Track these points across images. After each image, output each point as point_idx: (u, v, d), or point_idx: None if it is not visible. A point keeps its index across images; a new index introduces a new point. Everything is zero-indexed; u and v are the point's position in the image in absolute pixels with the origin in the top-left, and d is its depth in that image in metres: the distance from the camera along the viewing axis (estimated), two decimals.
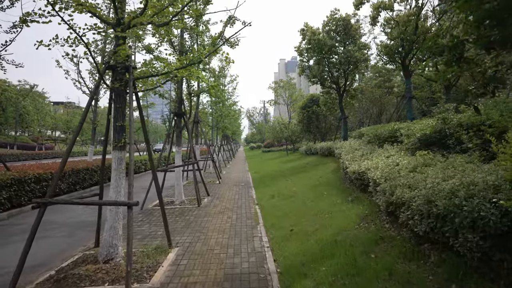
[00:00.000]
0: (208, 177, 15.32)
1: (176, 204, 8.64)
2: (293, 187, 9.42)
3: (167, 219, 5.16)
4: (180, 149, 9.00)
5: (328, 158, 14.19)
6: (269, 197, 8.74)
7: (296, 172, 12.62)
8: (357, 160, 7.05)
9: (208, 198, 9.48)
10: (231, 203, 8.50)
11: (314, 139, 21.61)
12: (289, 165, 16.36)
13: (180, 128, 8.96)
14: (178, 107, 8.90)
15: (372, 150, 7.69)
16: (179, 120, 8.98)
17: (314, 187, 8.45)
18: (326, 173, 10.14)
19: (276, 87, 44.83)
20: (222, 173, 17.19)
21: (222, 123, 21.76)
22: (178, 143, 8.95)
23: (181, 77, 5.02)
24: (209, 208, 8.04)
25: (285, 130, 29.00)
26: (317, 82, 15.62)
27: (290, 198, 7.87)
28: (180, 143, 8.99)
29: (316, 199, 7.02)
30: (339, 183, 8.01)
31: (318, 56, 14.70)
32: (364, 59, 14.09)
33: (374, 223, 4.46)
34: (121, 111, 4.49)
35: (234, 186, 11.82)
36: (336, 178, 8.80)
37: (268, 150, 42.50)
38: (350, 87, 15.49)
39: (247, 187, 11.43)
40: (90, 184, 12.21)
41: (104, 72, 4.43)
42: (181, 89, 8.91)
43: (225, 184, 12.69)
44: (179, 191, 8.83)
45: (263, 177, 13.62)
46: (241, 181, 13.32)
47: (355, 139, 13.32)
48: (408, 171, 4.48)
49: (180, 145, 8.97)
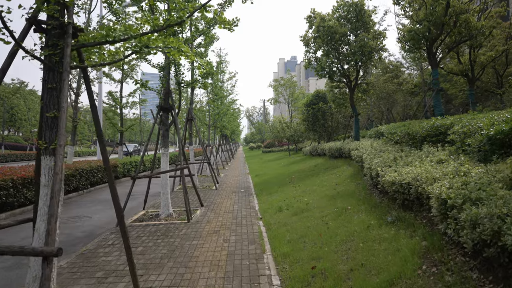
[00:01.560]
0: (204, 181, 13.72)
1: (161, 219, 7.03)
2: (304, 196, 7.83)
3: (132, 255, 3.54)
4: (167, 151, 7.39)
5: (338, 160, 12.60)
6: (275, 209, 7.14)
7: (305, 177, 11.02)
8: (391, 165, 5.46)
9: (201, 209, 7.88)
10: (228, 218, 6.90)
11: (319, 138, 20.00)
12: (294, 168, 14.76)
13: (167, 126, 7.36)
14: (164, 100, 7.30)
15: (406, 152, 6.09)
16: (165, 116, 7.38)
17: (332, 198, 6.85)
18: (342, 179, 8.54)
19: (276, 85, 43.17)
20: (220, 176, 15.60)
21: (220, 122, 20.17)
22: (164, 143, 7.35)
23: (155, 50, 3.37)
24: (201, 224, 6.43)
25: (287, 129, 27.42)
26: (325, 76, 14.01)
27: (303, 213, 6.27)
28: (167, 144, 7.38)
29: (339, 217, 5.42)
30: (364, 193, 6.42)
31: (327, 46, 13.10)
32: (379, 49, 12.51)
33: (452, 271, 2.86)
34: (55, 95, 2.87)
35: (232, 193, 10.22)
36: (358, 186, 7.21)
37: (269, 150, 40.96)
38: (362, 81, 13.88)
39: (247, 195, 9.83)
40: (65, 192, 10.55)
41: (25, 33, 2.79)
42: (167, 77, 7.30)
43: (222, 190, 11.09)
44: (165, 203, 7.22)
45: (265, 182, 12.02)
46: (241, 187, 11.73)
47: (371, 138, 11.73)
48: (505, 188, 2.88)
49: (166, 146, 7.37)
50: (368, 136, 12.35)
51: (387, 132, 9.00)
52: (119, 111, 17.43)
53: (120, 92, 17.34)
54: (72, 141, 12.19)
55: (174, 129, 16.70)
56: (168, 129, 7.41)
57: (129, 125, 19.57)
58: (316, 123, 18.28)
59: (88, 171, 11.87)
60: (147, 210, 7.99)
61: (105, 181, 13.41)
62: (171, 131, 31.90)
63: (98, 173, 12.59)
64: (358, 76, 13.55)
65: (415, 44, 9.44)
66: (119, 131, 17.26)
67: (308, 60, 14.20)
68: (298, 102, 43.36)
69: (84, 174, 11.57)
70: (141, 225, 6.59)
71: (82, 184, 11.46)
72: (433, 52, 9.89)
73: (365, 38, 12.11)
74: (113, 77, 16.89)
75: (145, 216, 7.45)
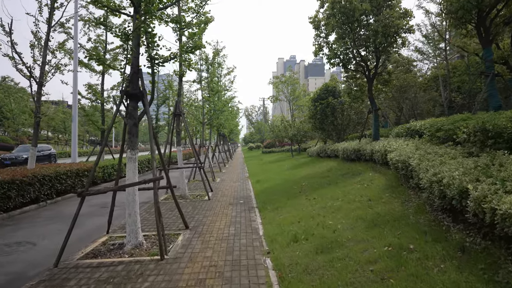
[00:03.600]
0: (196, 188, 11.59)
1: (124, 252, 4.90)
2: (326, 216, 5.71)
3: None
4: (135, 155, 5.25)
5: (356, 164, 10.49)
6: (288, 237, 5.02)
7: (318, 185, 8.88)
8: (480, 178, 3.34)
9: (185, 234, 5.74)
10: (221, 251, 4.78)
11: (327, 138, 17.84)
12: (302, 172, 12.62)
13: (136, 119, 5.22)
14: (130, 83, 5.16)
15: (489, 159, 3.96)
16: (133, 105, 5.24)
17: (372, 224, 4.72)
18: (374, 191, 6.42)
19: (277, 82, 41.03)
20: (215, 181, 13.47)
21: (217, 120, 18.03)
22: (131, 144, 5.21)
23: None
24: (179, 265, 4.31)
25: (290, 128, 25.31)
26: (338, 64, 11.91)
27: (333, 250, 4.15)
28: (135, 144, 5.24)
29: (400, 266, 3.30)
30: (424, 220, 4.31)
31: (342, 28, 10.98)
32: (406, 30, 10.40)
33: None
34: None
35: (229, 206, 8.10)
36: (406, 205, 5.09)
37: (269, 151, 38.87)
38: (383, 70, 11.76)
39: (248, 209, 7.71)
40: None
41: None
42: (136, 51, 5.16)
43: (216, 201, 8.97)
44: (132, 228, 5.08)
45: (269, 191, 9.89)
46: (239, 196, 9.60)
47: (399, 137, 9.62)
48: None
49: (134, 147, 5.23)
50: (394, 135, 10.26)
51: (428, 129, 6.89)
52: (101, 106, 15.27)
53: (102, 85, 15.17)
54: (34, 141, 10.01)
55: (172, 128, 14.34)
56: (138, 123, 5.28)
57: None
58: (324, 121, 16.14)
59: (53, 177, 9.70)
60: (111, 236, 5.85)
61: (77, 188, 11.27)
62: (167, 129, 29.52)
63: (67, 180, 10.43)
64: (378, 64, 11.43)
65: (465, 15, 7.36)
66: (101, 130, 15.09)
67: (318, 45, 12.07)
68: (299, 100, 41.36)
69: (47, 182, 9.40)
70: (92, 264, 4.46)
71: (44, 193, 9.30)
72: (486, 27, 7.79)
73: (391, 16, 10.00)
74: (93, 67, 14.72)
75: (104, 245, 5.32)
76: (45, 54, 10.00)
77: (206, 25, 11.63)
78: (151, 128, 5.18)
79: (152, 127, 5.21)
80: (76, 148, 13.13)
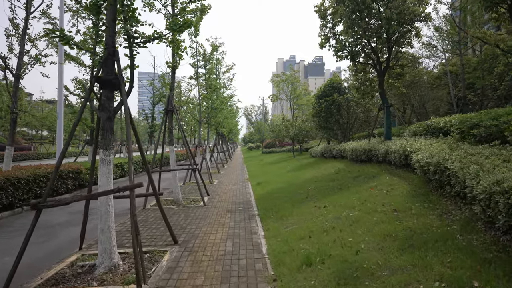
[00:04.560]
0: (191, 191, 10.60)
1: (94, 278, 3.90)
2: (343, 230, 4.72)
3: None
4: (109, 156, 4.25)
5: (367, 165, 9.51)
6: (299, 260, 4.02)
7: (328, 190, 7.88)
8: None
9: (172, 252, 4.74)
10: (215, 278, 3.78)
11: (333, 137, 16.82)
12: (306, 174, 11.62)
13: (110, 112, 4.21)
14: (103, 66, 4.16)
15: None
16: (107, 95, 4.24)
17: (407, 244, 3.73)
18: (398, 199, 5.43)
19: (277, 80, 40.03)
20: (213, 183, 12.49)
21: (215, 118, 17.03)
22: (105, 142, 4.21)
23: None
24: None
25: (291, 127, 24.31)
26: (346, 57, 10.93)
27: (360, 281, 3.18)
28: (109, 143, 4.24)
29: None
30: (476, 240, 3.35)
31: (352, 17, 10.00)
32: (423, 17, 9.42)
33: None
34: None
35: (226, 214, 7.12)
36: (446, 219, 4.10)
37: (269, 151, 37.90)
38: (395, 63, 10.76)
39: (248, 217, 6.72)
40: None
41: None
42: (111, 27, 4.15)
43: (213, 207, 7.98)
44: (106, 246, 4.08)
45: (272, 196, 8.90)
46: (238, 201, 8.62)
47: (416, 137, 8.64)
48: None
49: (107, 147, 4.22)
50: (411, 133, 9.28)
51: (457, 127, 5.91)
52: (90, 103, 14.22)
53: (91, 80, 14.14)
54: (9, 139, 9.00)
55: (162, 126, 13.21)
56: (113, 117, 4.28)
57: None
58: (329, 119, 15.12)
59: (31, 180, 8.70)
60: (83, 253, 4.85)
61: (61, 192, 10.26)
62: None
63: (48, 183, 9.41)
64: (390, 56, 10.45)
65: None
66: (90, 128, 14.07)
67: (324, 36, 11.08)
68: (300, 100, 40.38)
69: (23, 185, 8.40)
70: None
71: (20, 198, 8.30)
72: None
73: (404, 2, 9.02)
74: (81, 61, 13.71)
75: (73, 267, 4.32)
76: (23, 43, 9.00)
77: (202, 14, 10.69)
78: (129, 123, 4.18)
79: (130, 121, 4.21)
80: (61, 147, 12.09)
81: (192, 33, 13.30)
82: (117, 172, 13.93)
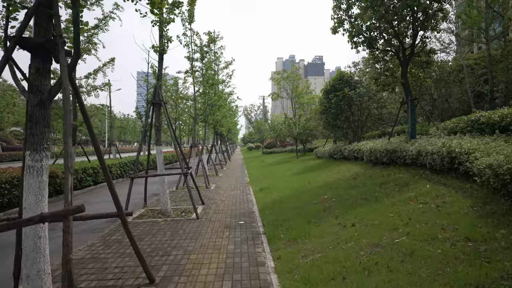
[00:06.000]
0: (184, 198, 9.11)
1: None
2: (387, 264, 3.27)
3: None
4: (41, 161, 2.75)
5: (392, 169, 8.04)
6: None
7: (350, 201, 6.36)
8: None
9: None
10: None
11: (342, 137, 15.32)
12: (317, 179, 10.11)
13: (43, 94, 2.72)
14: (35, 24, 2.68)
15: None
16: (39, 66, 2.75)
17: None
18: (463, 221, 3.94)
19: (278, 78, 38.59)
20: (209, 188, 11.02)
21: (212, 116, 15.53)
22: (35, 140, 2.72)
23: None
24: None
25: (294, 126, 22.82)
26: (363, 43, 9.47)
27: None
28: (39, 142, 2.74)
29: None
30: None
31: None
32: None
33: None
34: None
35: (224, 230, 5.64)
36: None
37: (270, 151, 36.45)
38: (421, 49, 9.27)
39: (251, 237, 5.23)
40: None
41: None
42: None
43: (207, 221, 6.49)
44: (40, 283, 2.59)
45: (278, 206, 7.41)
46: (239, 212, 7.13)
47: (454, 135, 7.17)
48: None
49: (37, 147, 2.73)
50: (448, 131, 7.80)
51: None
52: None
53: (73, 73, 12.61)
54: None
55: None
56: (48, 102, 2.78)
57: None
58: (339, 116, 13.62)
59: None
60: None
61: None
62: None
63: (13, 190, 7.92)
64: (415, 41, 8.98)
65: None
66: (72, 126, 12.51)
67: (338, 19, 9.61)
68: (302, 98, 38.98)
69: None
70: None
71: None
72: None
73: None
74: None
75: None
76: None
77: None
78: (69, 110, 2.70)
79: (69, 110, 2.72)
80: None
81: (186, 18, 11.78)
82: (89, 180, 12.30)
